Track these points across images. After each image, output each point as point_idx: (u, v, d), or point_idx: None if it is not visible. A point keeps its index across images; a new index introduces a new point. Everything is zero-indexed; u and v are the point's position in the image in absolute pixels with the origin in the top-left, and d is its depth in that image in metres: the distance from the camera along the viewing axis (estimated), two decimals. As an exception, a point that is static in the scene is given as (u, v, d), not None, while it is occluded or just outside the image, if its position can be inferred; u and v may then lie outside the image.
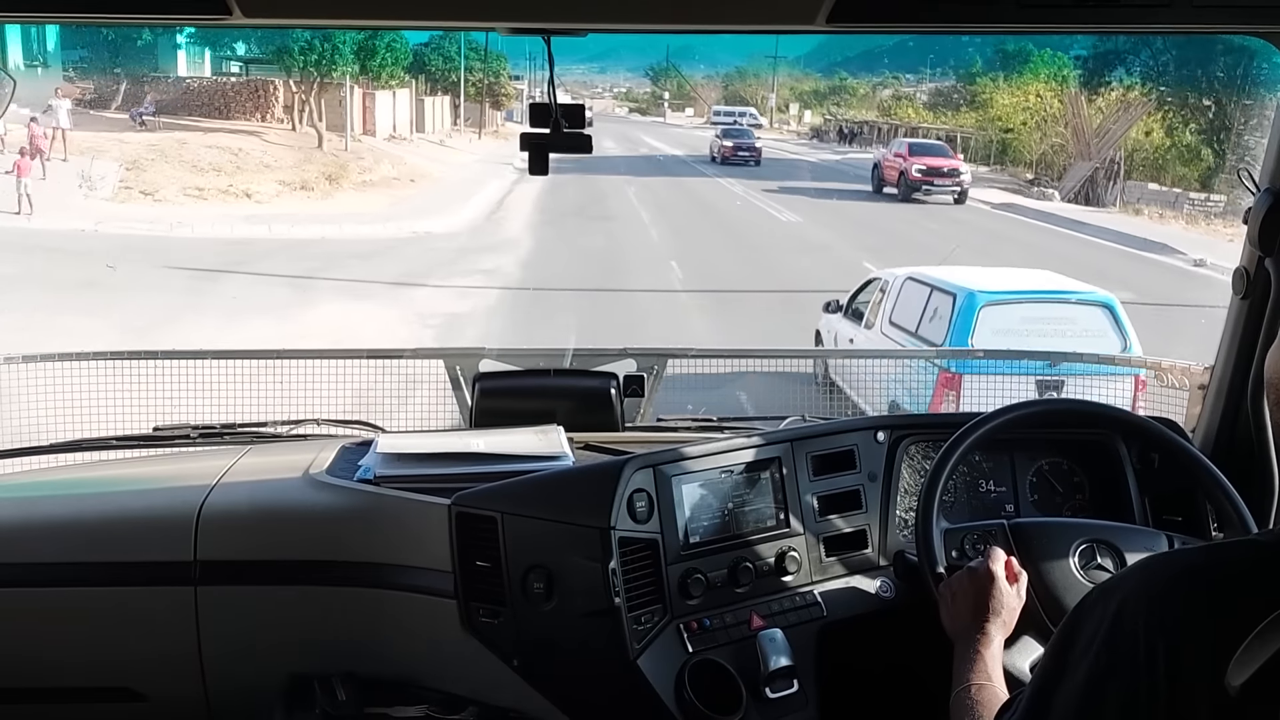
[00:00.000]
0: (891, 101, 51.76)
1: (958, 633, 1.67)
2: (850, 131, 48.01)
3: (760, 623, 1.94)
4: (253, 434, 2.48)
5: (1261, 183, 1.98)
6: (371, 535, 2.01)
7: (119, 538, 2.07)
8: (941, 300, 7.23)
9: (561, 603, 1.87)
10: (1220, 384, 2.16)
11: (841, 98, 59.45)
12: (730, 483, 2.01)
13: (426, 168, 27.25)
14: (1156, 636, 1.05)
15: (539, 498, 1.94)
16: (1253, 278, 2.02)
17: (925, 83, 53.36)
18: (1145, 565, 1.21)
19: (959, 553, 1.87)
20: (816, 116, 58.09)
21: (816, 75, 64.39)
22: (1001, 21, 1.47)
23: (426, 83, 35.53)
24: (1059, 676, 1.13)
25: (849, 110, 55.93)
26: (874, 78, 59.65)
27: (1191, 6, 1.41)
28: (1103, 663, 1.08)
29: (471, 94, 39.20)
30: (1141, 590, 1.11)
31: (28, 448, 2.45)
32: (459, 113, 39.04)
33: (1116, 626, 1.08)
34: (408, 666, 2.04)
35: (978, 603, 1.68)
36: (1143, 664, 1.05)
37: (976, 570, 1.72)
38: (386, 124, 31.61)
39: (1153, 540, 1.89)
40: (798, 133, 56.10)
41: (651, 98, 71.68)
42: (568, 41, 1.61)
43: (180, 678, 2.05)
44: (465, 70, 37.49)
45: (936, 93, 49.16)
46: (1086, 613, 1.13)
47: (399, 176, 25.45)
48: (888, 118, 46.32)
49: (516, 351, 2.62)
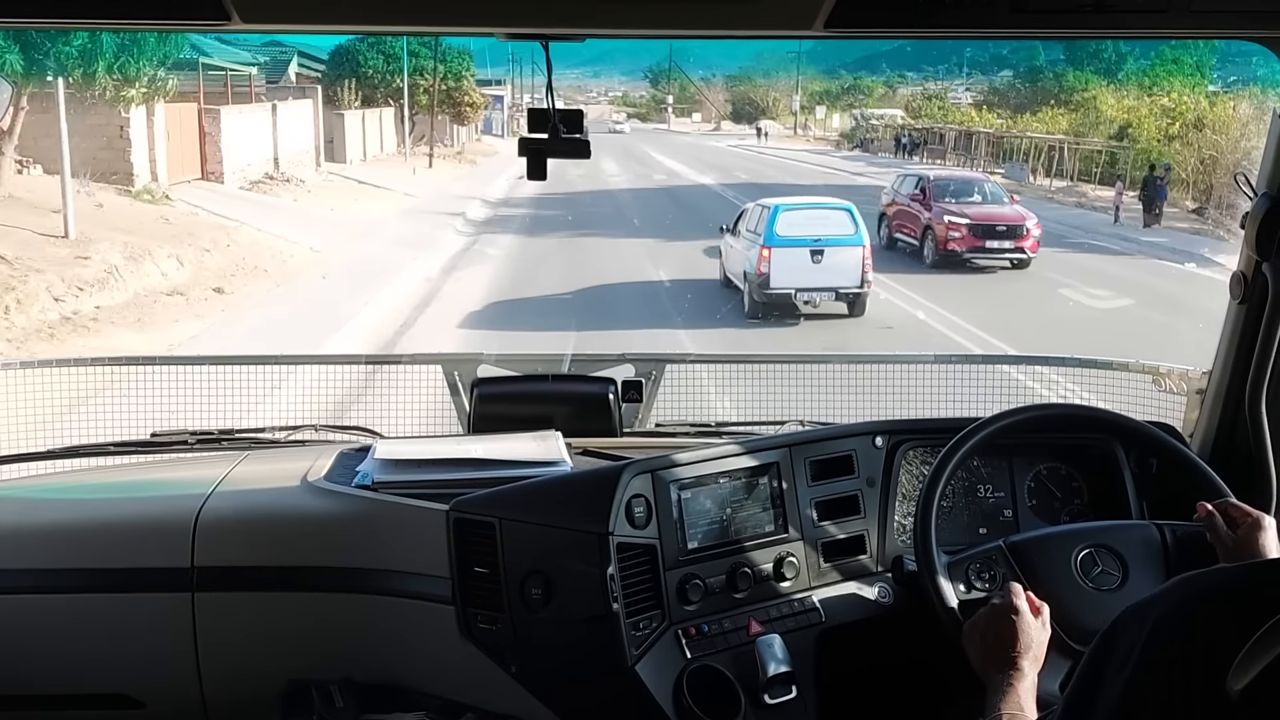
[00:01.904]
0: (923, 101, 45.73)
1: (989, 671, 1.63)
2: (912, 140, 37.74)
3: (759, 628, 1.93)
4: (250, 440, 2.48)
5: (1259, 188, 1.99)
6: (369, 541, 2.01)
7: (116, 544, 2.07)
8: (765, 212, 12.98)
9: (560, 608, 1.87)
10: (1218, 388, 2.16)
11: (856, 98, 53.83)
12: (728, 488, 2.01)
13: (285, 246, 15.35)
14: (1193, 655, 1.04)
15: (537, 503, 1.93)
16: (1250, 282, 2.02)
17: (953, 80, 47.68)
18: (1183, 582, 1.19)
19: (966, 585, 1.86)
20: (846, 119, 50.86)
21: (820, 75, 58.54)
22: (997, 26, 1.47)
23: (357, 90, 27.07)
24: (1094, 695, 1.11)
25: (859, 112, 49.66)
26: (878, 77, 55.29)
27: (1189, 12, 1.41)
28: (1138, 681, 1.06)
29: (423, 103, 29.46)
30: (1178, 609, 1.09)
31: (25, 454, 2.45)
32: (409, 129, 29.31)
33: (1152, 645, 1.07)
34: (405, 672, 2.03)
35: (1005, 640, 1.63)
36: (1178, 682, 1.04)
37: (999, 608, 1.67)
38: (254, 157, 20.55)
39: (1145, 533, 1.90)
40: (827, 140, 48.24)
41: (652, 102, 65.90)
42: (563, 45, 1.61)
43: (178, 684, 2.05)
44: (413, 73, 28.55)
45: (992, 91, 42.59)
46: (1121, 631, 1.11)
47: (195, 280, 13.04)
48: (935, 121, 38.63)
49: (515, 357, 2.62)
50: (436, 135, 29.88)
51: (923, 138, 37.59)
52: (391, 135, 28.79)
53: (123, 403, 2.62)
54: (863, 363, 2.77)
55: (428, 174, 26.33)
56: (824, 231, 12.67)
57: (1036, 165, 28.56)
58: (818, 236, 12.53)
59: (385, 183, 23.40)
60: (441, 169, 27.88)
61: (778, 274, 12.28)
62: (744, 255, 12.99)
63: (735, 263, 13.44)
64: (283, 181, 21.20)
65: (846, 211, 13.06)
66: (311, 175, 22.55)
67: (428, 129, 29.28)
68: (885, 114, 45.72)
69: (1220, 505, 1.78)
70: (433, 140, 29.21)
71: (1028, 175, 27.66)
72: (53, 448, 2.46)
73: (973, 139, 33.84)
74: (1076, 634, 1.76)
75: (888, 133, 42.27)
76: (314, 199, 20.56)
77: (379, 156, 27.73)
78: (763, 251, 12.37)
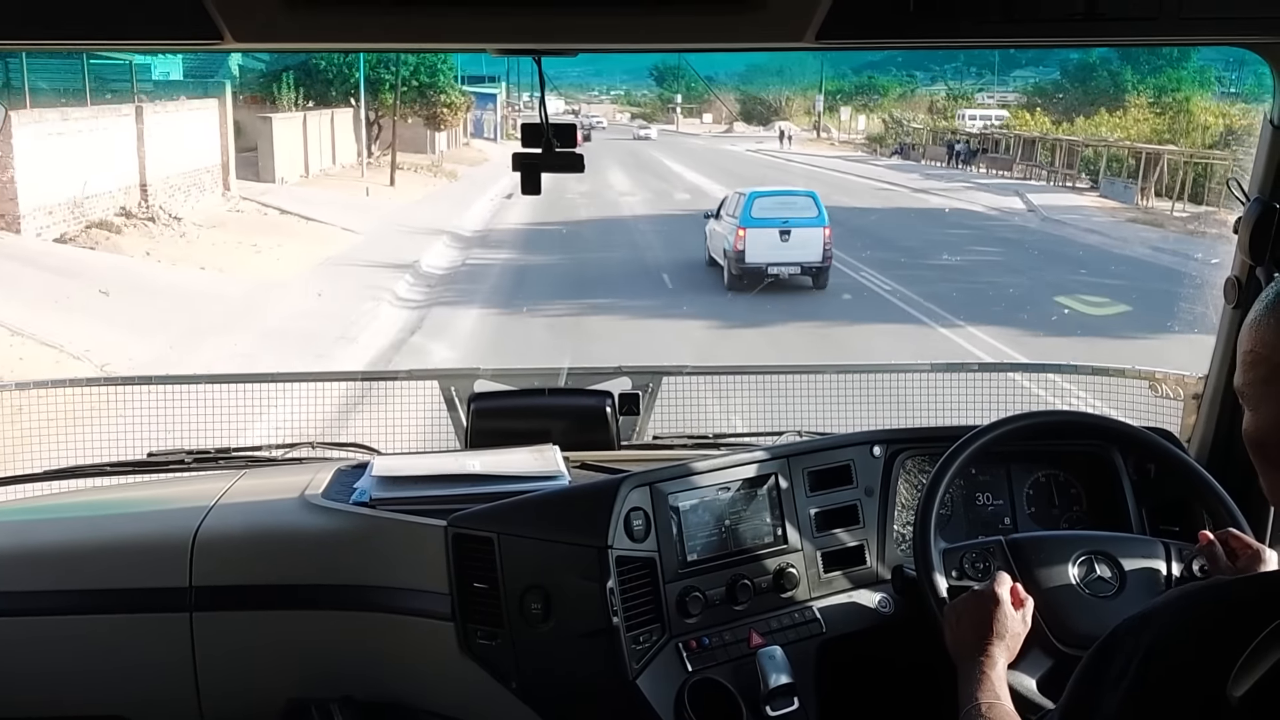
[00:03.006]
0: (947, 103, 42.06)
1: (961, 654, 1.66)
2: (967, 148, 32.96)
3: (759, 640, 1.93)
4: (247, 458, 2.47)
5: (1251, 192, 1.99)
6: (368, 558, 2.00)
7: (113, 564, 2.06)
8: (742, 198, 15.32)
9: (559, 623, 1.86)
10: (1214, 393, 2.17)
11: (870, 99, 51.00)
12: (727, 500, 2.00)
13: (55, 361, 9.41)
14: (1192, 667, 1.03)
15: (535, 518, 1.93)
16: (1244, 286, 2.03)
17: (982, 79, 43.52)
18: (1182, 594, 1.18)
19: (959, 573, 1.86)
20: (873, 121, 46.80)
21: (831, 74, 54.88)
22: (988, 36, 1.48)
23: (297, 86, 21.60)
24: (1091, 705, 1.11)
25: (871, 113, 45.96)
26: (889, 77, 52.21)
27: (1179, 19, 1.42)
28: (1135, 696, 1.05)
29: (386, 103, 23.85)
30: (1177, 620, 1.08)
31: (21, 475, 2.44)
32: (372, 136, 24.55)
33: (1151, 656, 1.06)
34: (405, 690, 2.02)
35: (981, 625, 1.66)
36: (1177, 694, 1.03)
37: (982, 593, 1.70)
38: (103, 186, 14.46)
39: (1150, 548, 1.89)
40: (852, 143, 44.82)
41: (658, 101, 62.90)
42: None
43: (176, 705, 2.04)
44: (377, 65, 23.45)
45: (1038, 92, 38.29)
46: (1120, 641, 1.10)
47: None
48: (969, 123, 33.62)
49: (511, 371, 2.62)
50: (411, 142, 24.78)
51: (980, 144, 33.17)
52: (350, 143, 23.13)
53: (119, 423, 2.62)
54: (860, 372, 2.78)
55: (386, 194, 19.97)
56: (791, 214, 15.11)
57: (1126, 178, 24.21)
58: (785, 219, 14.95)
59: (321, 211, 16.78)
60: (408, 186, 21.64)
61: (751, 251, 14.70)
62: (724, 236, 15.28)
63: (717, 242, 15.77)
64: (143, 221, 14.82)
65: (811, 198, 15.73)
66: (211, 205, 16.31)
67: (413, 135, 24.58)
68: (979, 115, 37.96)
69: (1221, 535, 1.78)
70: (395, 150, 23.15)
71: (1136, 195, 22.94)
72: (48, 469, 2.46)
73: (1035, 145, 29.66)
74: (1064, 635, 1.76)
75: (928, 137, 38.09)
76: (185, 247, 14.07)
77: (329, 171, 21.89)
78: (739, 231, 14.76)
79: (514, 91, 40.30)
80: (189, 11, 1.36)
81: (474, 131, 31.49)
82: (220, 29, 1.37)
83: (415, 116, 25.63)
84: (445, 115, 26.23)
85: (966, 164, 32.20)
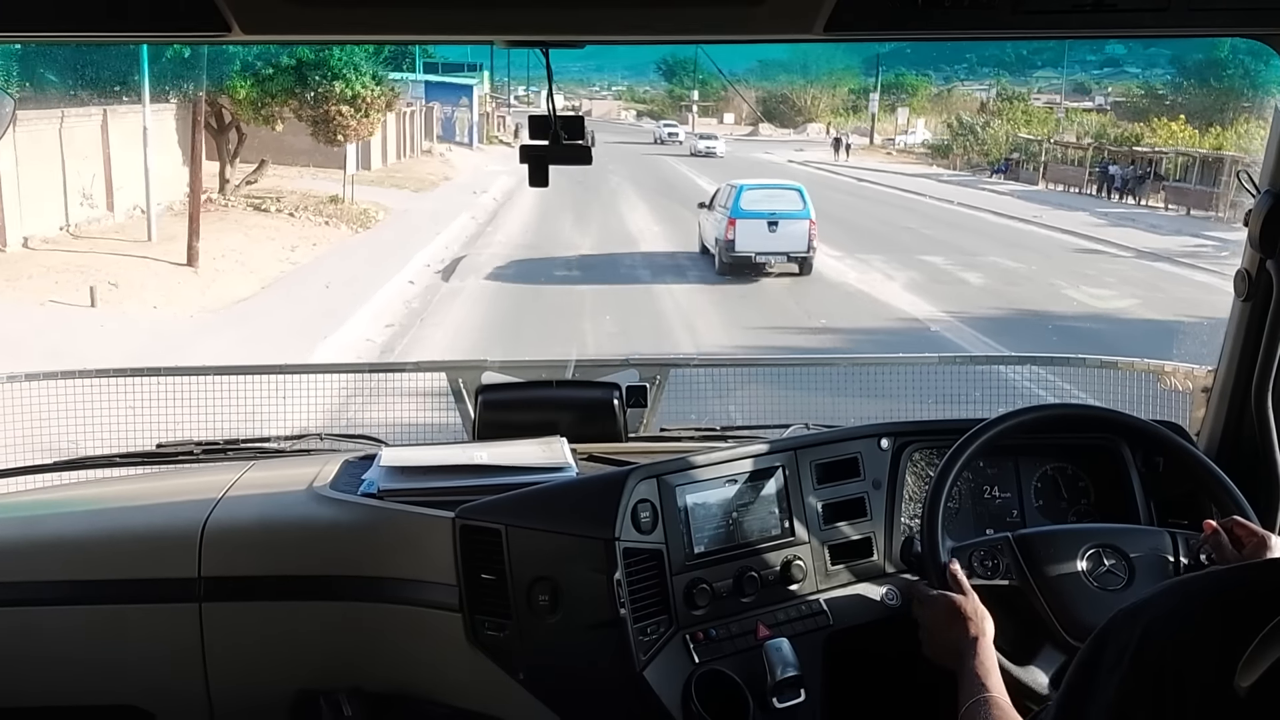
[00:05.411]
0: (1000, 105, 35.60)
1: (943, 655, 1.71)
2: (1134, 172, 23.90)
3: (766, 632, 1.93)
4: (256, 449, 2.48)
5: (1262, 185, 1.99)
6: (376, 549, 2.01)
7: (123, 555, 2.07)
8: (732, 190, 16.44)
9: (567, 615, 1.87)
10: (1224, 387, 2.16)
11: (899, 98, 45.69)
12: (734, 492, 2.00)
13: None
14: (1186, 656, 1.04)
15: (543, 509, 1.93)
16: (1254, 280, 2.02)
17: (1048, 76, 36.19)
18: (1177, 583, 1.18)
19: (968, 570, 1.86)
20: (940, 128, 39.13)
21: (853, 70, 48.21)
22: (997, 27, 1.48)
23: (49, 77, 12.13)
24: (1086, 695, 1.11)
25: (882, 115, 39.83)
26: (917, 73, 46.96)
27: (1189, 9, 1.41)
28: (1130, 684, 1.06)
29: (239, 96, 15.48)
30: (1171, 610, 1.09)
31: (31, 466, 2.45)
32: (225, 149, 16.02)
33: (1145, 646, 1.07)
34: (414, 681, 2.03)
35: (944, 626, 1.72)
36: (1171, 683, 1.04)
37: (927, 604, 1.79)
38: None
39: (1157, 540, 1.89)
40: (911, 153, 37.98)
41: (668, 98, 54.31)
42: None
43: (186, 695, 2.05)
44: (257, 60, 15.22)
45: (1117, 104, 32.67)
46: (1114, 631, 1.11)
47: None
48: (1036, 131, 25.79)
49: (519, 363, 2.62)
50: (317, 153, 15.20)
51: (1146, 167, 24.22)
52: (169, 162, 13.46)
53: (128, 414, 2.63)
54: (867, 364, 2.78)
55: (166, 290, 10.36)
56: (779, 207, 16.17)
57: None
58: (773, 211, 15.99)
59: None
60: (240, 260, 11.75)
61: (740, 240, 15.79)
62: (716, 226, 16.44)
63: (709, 232, 17.06)
64: None
65: (797, 191, 17.02)
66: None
67: (263, 151, 14.49)
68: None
69: (1226, 523, 1.78)
70: (196, 207, 12.68)
71: None
72: (58, 460, 2.47)
73: (1222, 168, 21.45)
74: (1074, 629, 1.76)
75: (1050, 152, 27.97)
76: None
77: (80, 230, 11.85)
78: (729, 222, 15.94)
79: (502, 84, 30.61)
80: (197, 3, 1.36)
81: (443, 134, 23.16)
82: (228, 20, 1.37)
83: (296, 119, 16.38)
84: (346, 119, 16.24)
85: (1130, 193, 23.28)
